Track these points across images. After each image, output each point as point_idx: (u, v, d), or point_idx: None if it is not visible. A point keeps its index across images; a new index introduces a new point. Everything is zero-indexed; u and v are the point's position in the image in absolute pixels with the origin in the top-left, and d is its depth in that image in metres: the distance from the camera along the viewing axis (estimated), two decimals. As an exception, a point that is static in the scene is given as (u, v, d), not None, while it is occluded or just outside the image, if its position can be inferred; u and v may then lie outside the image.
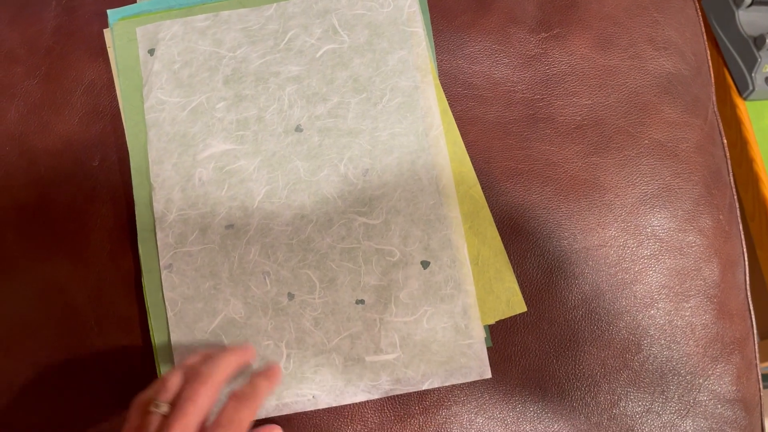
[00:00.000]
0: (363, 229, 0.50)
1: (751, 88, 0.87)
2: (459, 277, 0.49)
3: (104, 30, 0.54)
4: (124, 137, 0.52)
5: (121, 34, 0.54)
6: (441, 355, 0.49)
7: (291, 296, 0.49)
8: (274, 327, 0.49)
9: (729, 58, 0.89)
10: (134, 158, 0.52)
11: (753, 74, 0.86)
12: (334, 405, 0.48)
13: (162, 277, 0.50)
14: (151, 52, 0.53)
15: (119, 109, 0.53)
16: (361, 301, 0.49)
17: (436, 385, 0.48)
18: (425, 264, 0.49)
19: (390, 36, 0.53)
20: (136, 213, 0.51)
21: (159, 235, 0.50)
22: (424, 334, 0.49)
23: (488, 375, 0.48)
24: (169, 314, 0.49)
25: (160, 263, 0.50)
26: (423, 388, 0.48)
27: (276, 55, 0.53)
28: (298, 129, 0.51)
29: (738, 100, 0.89)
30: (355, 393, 0.48)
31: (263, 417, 0.48)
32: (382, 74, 0.52)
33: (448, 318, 0.49)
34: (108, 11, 0.54)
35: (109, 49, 0.54)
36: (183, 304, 0.49)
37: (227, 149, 0.51)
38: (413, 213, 0.50)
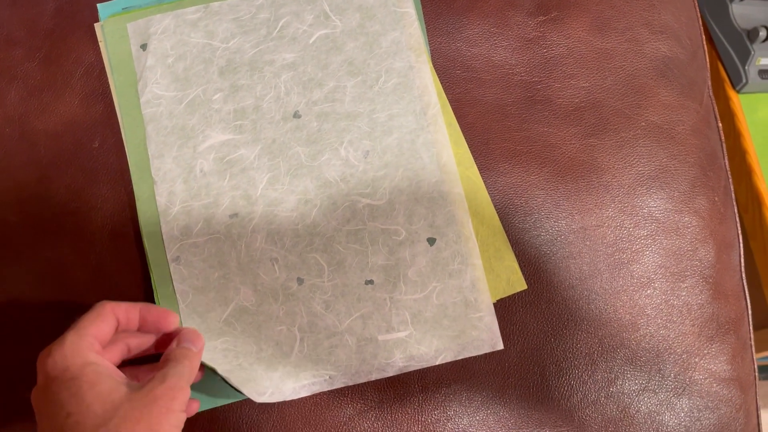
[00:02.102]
0: (367, 210, 0.50)
1: (744, 80, 0.88)
2: (465, 251, 0.50)
3: (95, 24, 0.54)
4: (123, 122, 0.52)
5: (111, 31, 0.53)
6: (452, 330, 0.49)
7: (300, 281, 0.50)
8: (285, 312, 0.49)
9: (722, 51, 0.90)
10: (133, 154, 0.52)
11: (746, 67, 0.87)
12: (350, 384, 0.48)
13: (171, 270, 0.50)
14: (144, 47, 0.53)
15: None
16: (370, 282, 0.49)
17: (449, 360, 0.48)
18: (431, 241, 0.50)
19: (382, 18, 0.53)
20: (139, 208, 0.51)
21: (164, 228, 0.50)
22: (435, 310, 0.49)
23: (500, 346, 0.49)
24: (181, 306, 0.49)
25: (168, 256, 0.50)
26: (437, 363, 0.49)
27: (269, 43, 0.53)
28: (296, 115, 0.52)
29: (731, 93, 0.90)
30: (370, 372, 0.48)
31: (280, 400, 0.48)
32: (376, 56, 0.52)
33: (457, 293, 0.49)
34: (98, 5, 0.54)
35: (100, 43, 0.54)
36: (194, 296, 0.49)
37: (227, 139, 0.51)
38: (416, 191, 0.50)
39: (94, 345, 0.41)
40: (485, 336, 0.49)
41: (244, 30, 0.53)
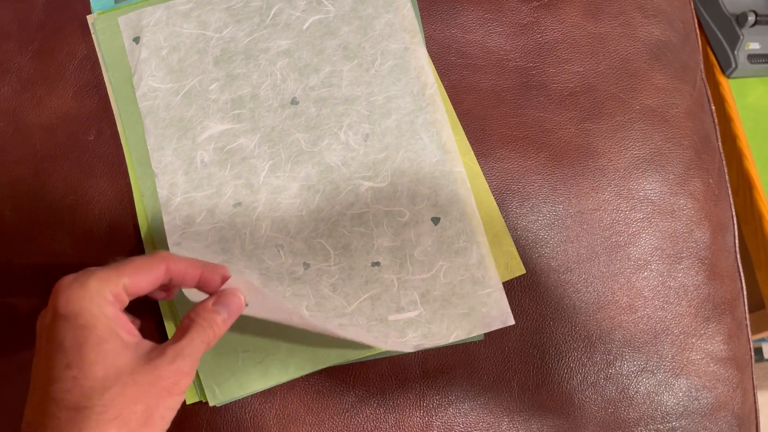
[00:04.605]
0: (370, 193, 0.50)
1: (733, 65, 0.88)
2: (470, 229, 0.50)
3: (87, 16, 0.54)
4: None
5: (103, 27, 0.53)
6: (462, 308, 0.49)
7: (306, 266, 0.49)
8: (292, 293, 0.49)
9: (711, 36, 0.91)
10: (134, 150, 0.51)
11: (735, 52, 0.88)
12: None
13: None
14: (137, 40, 0.53)
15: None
16: (377, 264, 0.49)
17: (462, 337, 0.48)
18: (435, 220, 0.50)
19: (374, 1, 0.53)
20: (145, 205, 0.50)
21: (165, 218, 0.50)
22: (443, 288, 0.49)
23: (511, 322, 0.49)
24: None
25: (169, 241, 0.49)
26: (450, 341, 0.48)
27: (263, 31, 0.53)
28: (294, 102, 0.52)
29: (721, 78, 0.90)
30: (386, 345, 0.48)
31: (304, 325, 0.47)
32: (370, 39, 0.52)
33: (464, 270, 0.49)
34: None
35: (93, 35, 0.53)
36: None
37: (225, 129, 0.51)
38: (418, 172, 0.50)
39: (120, 296, 0.38)
40: (495, 312, 0.49)
41: (237, 19, 0.53)
